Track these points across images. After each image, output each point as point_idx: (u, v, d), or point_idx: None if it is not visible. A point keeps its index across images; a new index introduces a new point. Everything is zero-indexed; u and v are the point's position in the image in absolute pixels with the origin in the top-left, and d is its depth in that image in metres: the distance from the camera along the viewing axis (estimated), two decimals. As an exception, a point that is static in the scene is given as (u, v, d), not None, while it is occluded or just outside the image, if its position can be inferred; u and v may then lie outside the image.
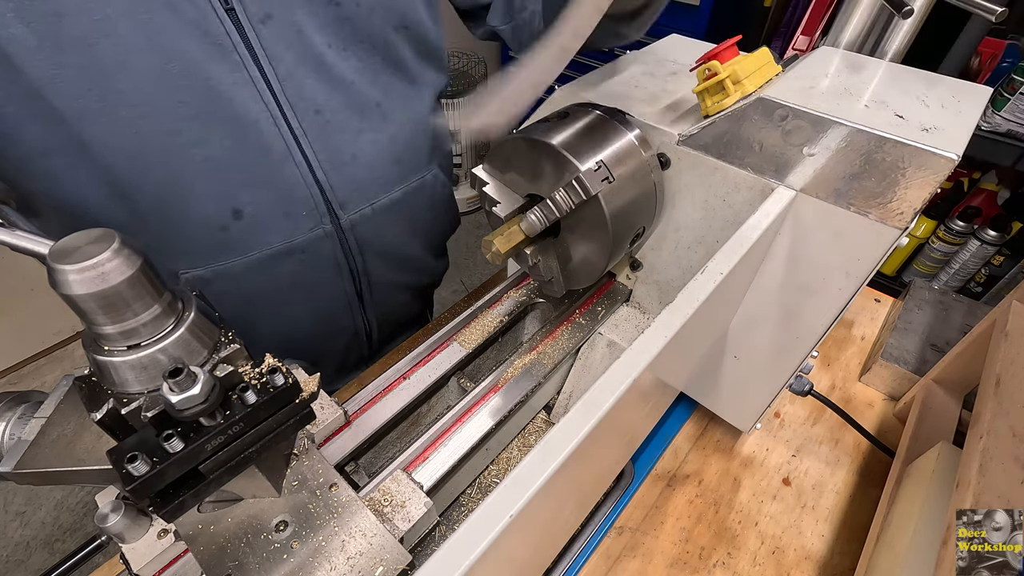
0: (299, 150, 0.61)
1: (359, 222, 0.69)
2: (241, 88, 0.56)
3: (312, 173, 0.63)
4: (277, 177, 0.61)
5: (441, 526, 0.61)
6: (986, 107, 1.05)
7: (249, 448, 0.32)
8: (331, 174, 0.64)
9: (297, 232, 0.65)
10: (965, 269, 1.87)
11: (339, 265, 0.71)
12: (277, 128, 0.59)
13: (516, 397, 0.56)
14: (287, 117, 0.60)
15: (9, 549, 1.66)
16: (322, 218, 0.66)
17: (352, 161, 0.65)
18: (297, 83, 0.59)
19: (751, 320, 0.63)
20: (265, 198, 0.61)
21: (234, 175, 0.59)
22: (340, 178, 0.65)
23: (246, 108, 0.57)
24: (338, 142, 0.64)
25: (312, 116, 0.61)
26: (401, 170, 0.72)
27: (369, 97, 0.65)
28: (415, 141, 0.72)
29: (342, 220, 0.68)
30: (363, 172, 0.67)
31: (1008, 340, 0.59)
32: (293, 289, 0.70)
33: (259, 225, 0.63)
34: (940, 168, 0.44)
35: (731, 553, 0.69)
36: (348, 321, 0.79)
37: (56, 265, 0.26)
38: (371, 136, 0.66)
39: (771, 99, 0.49)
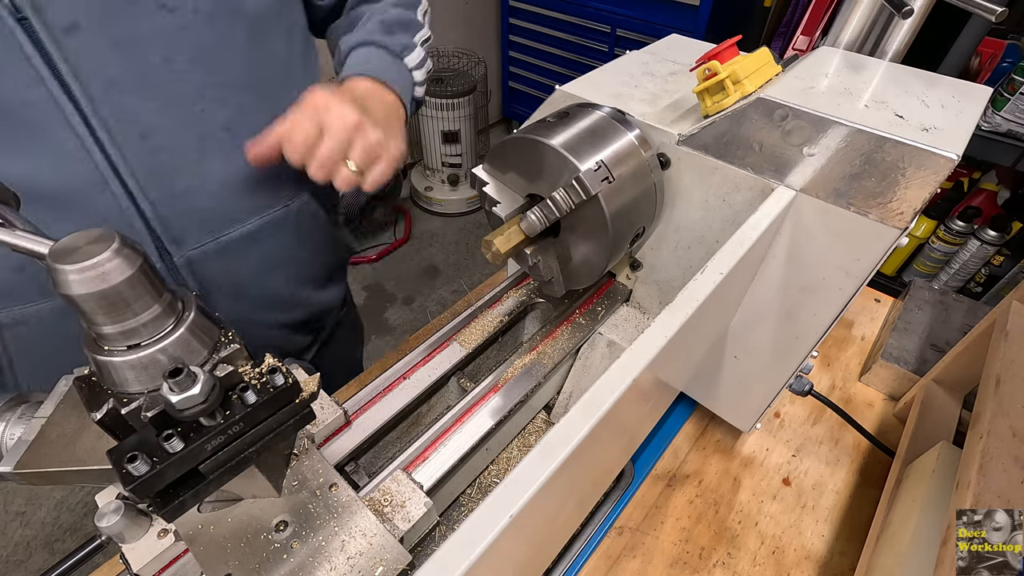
0: (117, 179, 0.53)
1: (199, 259, 0.61)
2: (40, 108, 0.48)
3: (135, 205, 0.55)
4: (88, 210, 0.53)
5: (441, 526, 0.61)
6: (986, 107, 1.05)
7: (249, 448, 0.32)
8: (160, 206, 0.56)
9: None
10: (965, 269, 1.87)
11: None
12: (88, 154, 0.51)
13: (516, 397, 0.56)
14: (101, 142, 0.51)
15: (9, 549, 1.66)
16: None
17: (190, 191, 0.57)
18: (116, 103, 0.51)
19: (751, 320, 0.63)
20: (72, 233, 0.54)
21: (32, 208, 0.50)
22: (173, 211, 0.57)
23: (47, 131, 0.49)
24: (172, 170, 0.55)
25: (136, 141, 0.53)
26: (257, 200, 0.63)
27: (215, 119, 0.56)
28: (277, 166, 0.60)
29: (176, 258, 0.59)
30: (206, 203, 0.58)
31: (1008, 340, 0.59)
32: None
33: None
34: (940, 168, 0.44)
35: (731, 553, 0.69)
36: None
37: (56, 265, 0.26)
38: (218, 165, 0.58)
39: (771, 99, 0.49)
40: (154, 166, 0.54)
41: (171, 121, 0.54)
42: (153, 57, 0.51)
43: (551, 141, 0.51)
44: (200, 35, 0.53)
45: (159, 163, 0.54)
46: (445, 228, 2.94)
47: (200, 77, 0.54)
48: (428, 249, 2.80)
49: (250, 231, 0.63)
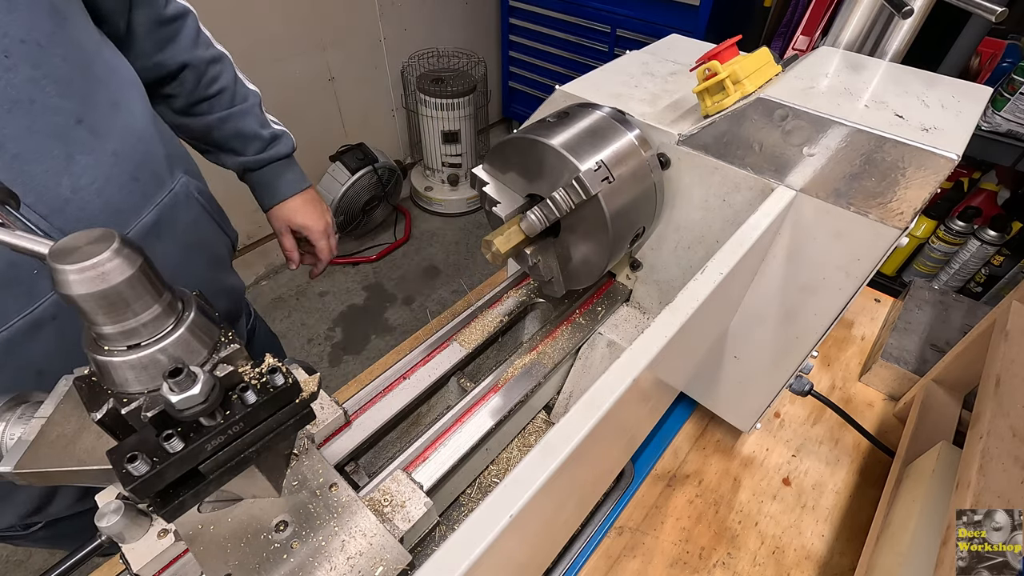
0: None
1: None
2: None
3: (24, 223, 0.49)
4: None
5: (441, 526, 0.61)
6: (986, 107, 1.05)
7: (249, 448, 0.32)
8: (52, 217, 0.51)
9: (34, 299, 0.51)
10: (965, 269, 1.87)
11: None
12: None
13: (516, 397, 0.56)
14: None
15: (9, 549, 1.66)
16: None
17: (75, 194, 0.52)
18: None
19: (751, 320, 0.63)
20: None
21: None
22: (68, 218, 0.52)
23: None
24: (42, 177, 0.50)
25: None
26: (142, 189, 0.59)
27: (63, 113, 0.52)
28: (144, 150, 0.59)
29: None
30: (95, 203, 0.54)
31: (1008, 340, 0.59)
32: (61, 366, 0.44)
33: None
34: (940, 168, 0.44)
35: (731, 553, 0.69)
36: None
37: (56, 265, 0.26)
38: (86, 160, 0.53)
39: (771, 99, 0.49)
40: (26, 177, 0.49)
41: (16, 125, 0.48)
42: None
43: (551, 141, 0.51)
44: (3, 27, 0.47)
45: (29, 173, 0.49)
46: (445, 228, 2.94)
47: (24, 72, 0.48)
48: (428, 249, 2.80)
49: (152, 221, 0.60)
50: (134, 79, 0.62)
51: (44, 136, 0.50)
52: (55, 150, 0.51)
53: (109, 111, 0.55)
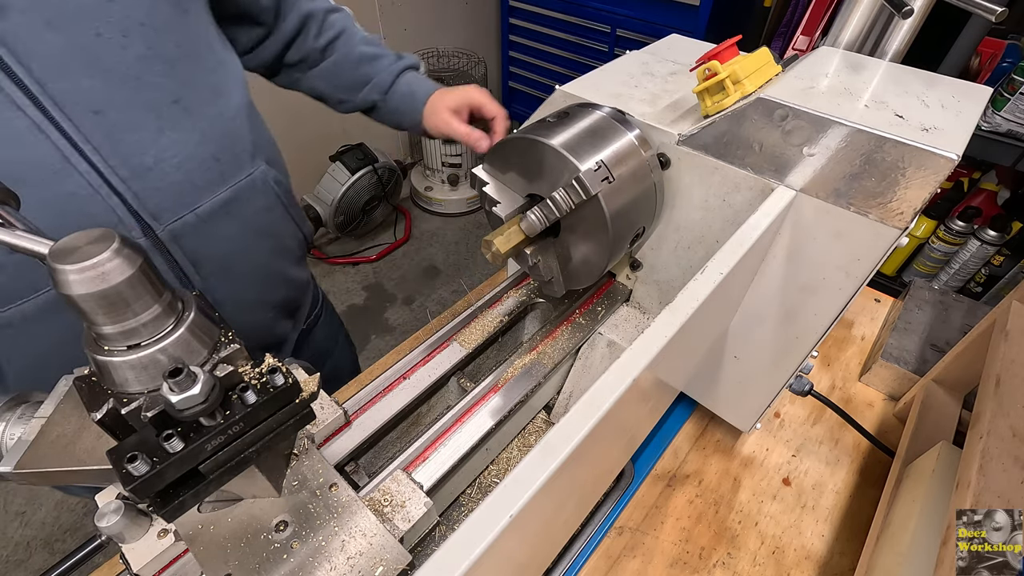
0: (82, 158, 0.52)
1: (183, 232, 0.61)
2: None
3: (106, 183, 0.54)
4: (60, 195, 0.52)
5: (441, 526, 0.61)
6: (986, 107, 1.05)
7: (249, 448, 0.32)
8: (132, 182, 0.56)
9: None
10: (965, 269, 1.87)
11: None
12: (45, 137, 0.50)
13: (516, 397, 0.56)
14: (57, 122, 0.50)
15: (9, 549, 1.66)
16: (131, 232, 0.57)
17: (156, 165, 0.57)
18: (63, 82, 0.50)
19: (751, 320, 0.63)
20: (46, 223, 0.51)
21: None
22: (144, 185, 0.56)
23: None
24: (132, 145, 0.55)
25: (91, 118, 0.52)
26: (221, 169, 0.63)
27: (164, 92, 0.57)
28: (231, 137, 0.64)
29: (159, 232, 0.59)
30: (174, 175, 0.58)
31: (1008, 340, 0.59)
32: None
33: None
34: (940, 168, 0.44)
35: (731, 553, 0.69)
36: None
37: (56, 265, 0.26)
38: (174, 136, 0.58)
39: (771, 99, 0.49)
40: (115, 143, 0.54)
41: (119, 96, 0.54)
42: (87, 33, 0.51)
43: (551, 141, 0.51)
44: (127, 8, 0.53)
45: (120, 139, 0.54)
46: (445, 228, 2.94)
47: (137, 50, 0.54)
48: (428, 249, 2.80)
49: (223, 200, 0.64)
50: (239, 74, 0.68)
51: (141, 109, 0.55)
52: (148, 123, 0.56)
53: (207, 96, 0.61)
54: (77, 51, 0.51)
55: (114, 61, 0.53)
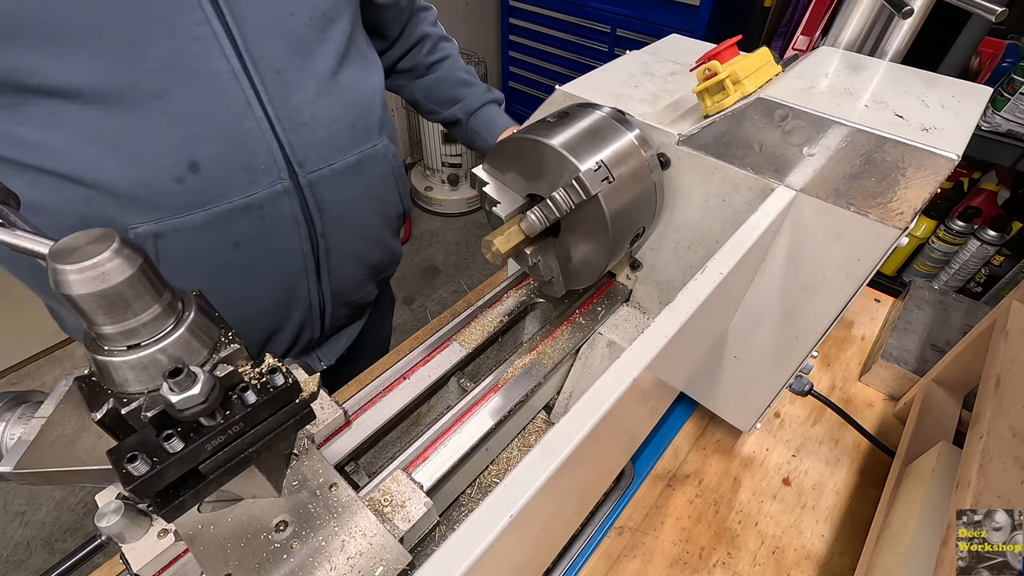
0: (260, 106, 0.63)
1: (317, 181, 0.71)
2: (204, 43, 0.58)
3: (272, 129, 0.65)
4: (236, 131, 0.63)
5: (441, 526, 0.61)
6: (986, 107, 1.05)
7: (249, 448, 0.32)
8: (290, 132, 0.67)
9: (256, 187, 0.66)
10: (965, 269, 1.87)
11: (298, 223, 0.72)
12: (238, 83, 0.61)
13: (516, 397, 0.56)
14: (249, 73, 0.62)
15: (9, 549, 1.66)
16: (281, 173, 0.67)
17: (310, 121, 0.68)
18: (260, 43, 0.62)
19: (751, 320, 0.63)
20: (223, 151, 0.62)
21: (192, 127, 0.60)
22: (299, 136, 0.67)
23: (208, 62, 0.59)
24: (297, 102, 0.67)
25: (273, 75, 0.64)
26: (355, 136, 0.75)
27: (326, 66, 0.69)
28: (367, 111, 0.76)
29: (300, 178, 0.69)
30: (321, 133, 0.70)
31: (1008, 340, 0.59)
32: (252, 248, 0.70)
33: (217, 178, 0.63)
34: (940, 168, 0.44)
35: (731, 553, 0.69)
36: (304, 292, 0.79)
37: (56, 265, 0.26)
38: (328, 101, 0.70)
39: (771, 99, 0.49)
40: (284, 97, 0.65)
41: (295, 63, 0.66)
42: (284, 12, 0.64)
43: (551, 141, 0.51)
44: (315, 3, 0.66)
45: (288, 95, 0.66)
46: (445, 228, 2.94)
47: (314, 34, 0.67)
48: (428, 249, 2.80)
49: (352, 163, 0.75)
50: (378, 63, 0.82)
51: (309, 76, 0.67)
52: (310, 88, 0.68)
53: (357, 74, 0.75)
54: (275, 23, 0.63)
55: (297, 36, 0.65)
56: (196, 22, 0.57)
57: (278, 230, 0.71)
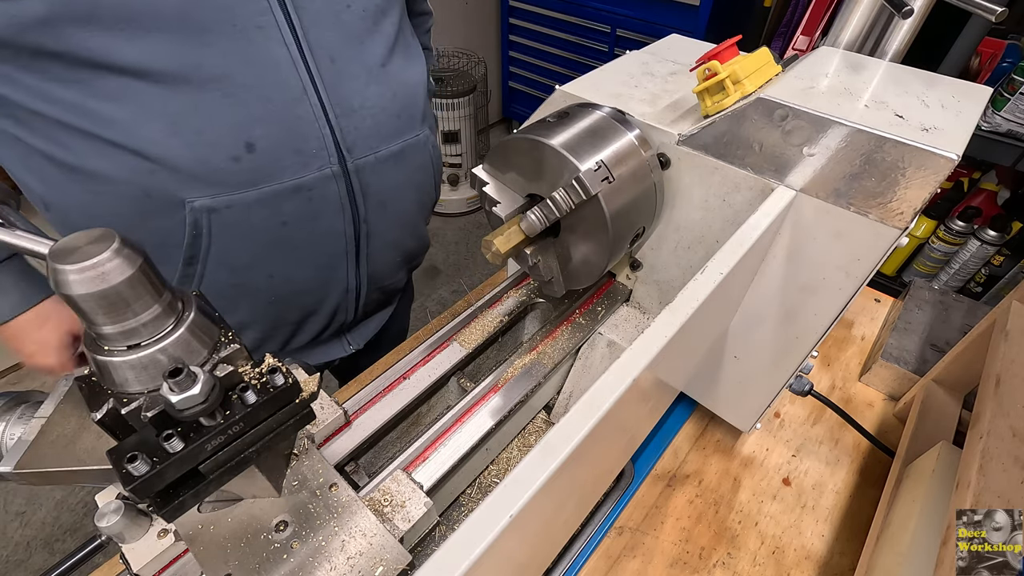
0: (315, 92, 0.66)
1: (363, 168, 0.74)
2: (266, 31, 0.61)
3: (325, 115, 0.68)
4: (291, 115, 0.65)
5: (441, 526, 0.61)
6: (986, 107, 1.05)
7: (249, 448, 0.32)
8: (341, 119, 0.69)
9: (306, 170, 0.69)
10: (965, 269, 1.87)
11: (343, 207, 0.75)
12: (296, 70, 0.64)
13: (516, 397, 0.56)
14: (307, 60, 0.65)
15: (9, 549, 1.66)
16: (331, 158, 0.70)
17: (360, 109, 0.71)
18: (317, 32, 0.65)
19: (751, 320, 0.63)
20: (278, 134, 0.65)
21: (251, 109, 0.63)
22: (348, 123, 0.70)
23: (269, 49, 0.62)
24: (348, 90, 0.69)
25: (328, 63, 0.66)
26: (400, 125, 0.78)
27: (376, 56, 0.72)
28: (411, 101, 0.79)
29: (348, 163, 0.72)
30: (369, 121, 0.72)
31: (1008, 340, 0.59)
32: (298, 227, 0.73)
33: (271, 159, 0.66)
34: (940, 168, 0.44)
35: (731, 553, 0.69)
36: (343, 273, 0.83)
37: (56, 265, 0.26)
38: (376, 90, 0.73)
39: (771, 99, 0.49)
40: (337, 85, 0.68)
41: (348, 52, 0.68)
42: (341, 3, 0.67)
43: (551, 141, 0.51)
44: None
45: (340, 83, 0.68)
46: (445, 228, 2.94)
47: (367, 25, 0.70)
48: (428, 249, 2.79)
49: (395, 151, 0.77)
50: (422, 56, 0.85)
51: (360, 65, 0.70)
52: (361, 76, 0.71)
53: (403, 65, 0.77)
54: (331, 13, 0.66)
55: (352, 26, 0.68)
56: (259, 11, 0.60)
57: (324, 212, 0.74)
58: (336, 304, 0.86)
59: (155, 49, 0.56)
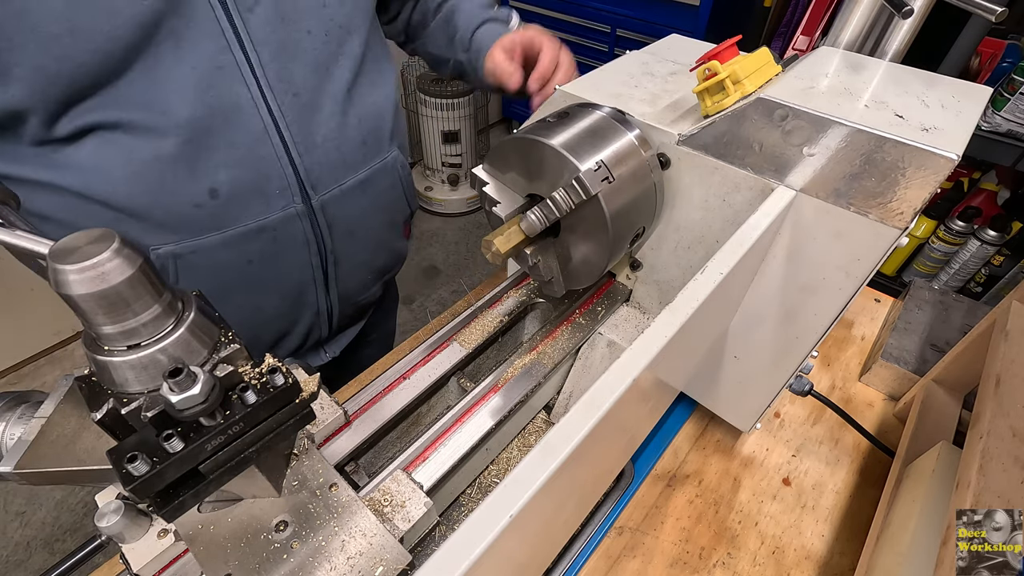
0: (276, 132, 0.63)
1: (329, 202, 0.72)
2: (226, 71, 0.58)
3: (288, 154, 0.65)
4: (254, 157, 0.63)
5: (441, 526, 0.61)
6: (986, 107, 1.05)
7: (249, 448, 0.32)
8: (305, 156, 0.67)
9: (270, 211, 0.67)
10: (965, 269, 1.87)
11: (308, 242, 0.73)
12: (257, 110, 0.61)
13: (516, 397, 0.56)
14: (267, 100, 0.62)
15: (9, 549, 1.66)
16: (294, 197, 0.68)
17: (324, 143, 0.68)
18: (278, 67, 0.61)
19: (751, 320, 0.63)
20: (242, 178, 0.63)
21: (214, 156, 0.60)
22: (312, 159, 0.68)
23: (230, 91, 0.59)
24: (312, 124, 0.66)
25: (291, 99, 0.63)
26: (366, 152, 0.74)
27: (342, 83, 0.68)
28: (379, 123, 0.75)
29: (313, 200, 0.70)
30: (334, 154, 0.70)
31: (1008, 340, 0.59)
32: (264, 265, 0.71)
33: (234, 203, 0.64)
34: (940, 168, 0.44)
35: (731, 553, 0.69)
36: (312, 299, 0.81)
37: (56, 265, 0.26)
38: (340, 119, 0.69)
39: (771, 99, 0.49)
40: (302, 121, 0.65)
41: (312, 83, 0.65)
42: (301, 29, 0.62)
43: (551, 141, 0.51)
44: (334, 12, 0.65)
45: (304, 118, 0.65)
46: (445, 228, 2.94)
47: (331, 49, 0.66)
48: (428, 249, 2.80)
49: (362, 179, 0.75)
50: (393, 69, 0.79)
51: (325, 96, 0.67)
52: (327, 107, 0.67)
53: (369, 88, 0.73)
54: (291, 43, 0.62)
55: (314, 54, 0.64)
56: (219, 50, 0.57)
57: (289, 249, 0.72)
58: (308, 325, 0.85)
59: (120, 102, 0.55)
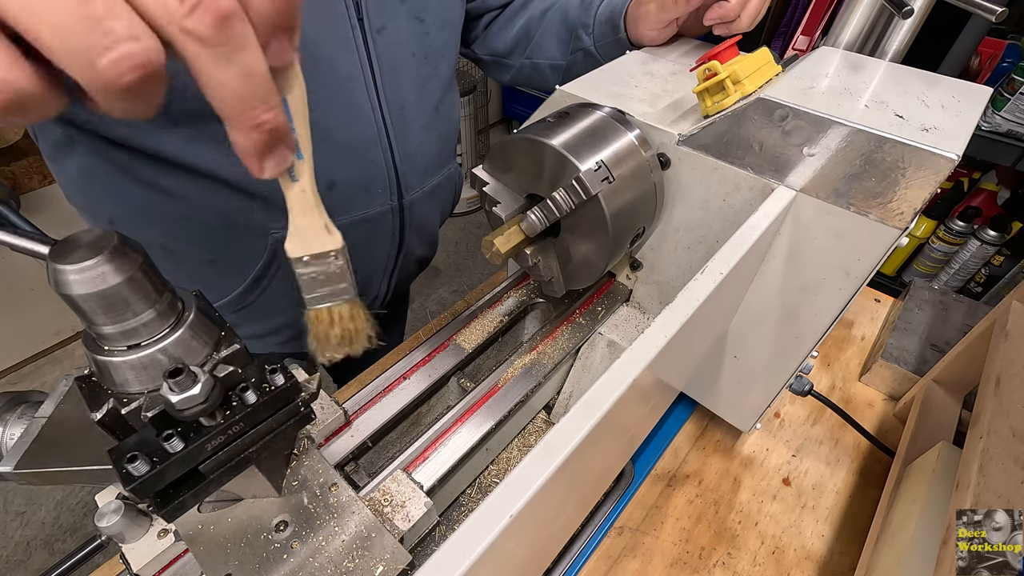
0: (386, 138, 0.72)
1: (413, 202, 0.82)
2: (357, 82, 0.66)
3: (392, 159, 0.74)
4: (366, 158, 0.71)
5: (441, 526, 0.61)
6: (986, 107, 1.05)
7: (249, 448, 0.32)
8: (402, 160, 0.76)
9: (371, 206, 0.76)
10: (965, 269, 1.87)
11: (393, 235, 0.83)
12: (374, 118, 0.70)
13: (516, 397, 0.56)
14: (383, 109, 0.70)
15: (9, 549, 1.66)
16: (391, 196, 0.77)
17: (416, 151, 0.78)
18: (392, 83, 0.70)
19: (751, 320, 0.63)
20: (355, 175, 0.72)
21: (338, 153, 0.68)
22: (407, 164, 0.77)
23: (357, 99, 0.67)
24: (409, 134, 0.75)
25: (398, 111, 0.72)
26: (440, 161, 0.85)
27: (433, 100, 0.78)
28: (450, 138, 0.87)
29: (404, 199, 0.79)
30: (421, 160, 0.79)
31: (1008, 340, 0.59)
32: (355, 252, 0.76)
33: (345, 197, 0.73)
34: (940, 168, 0.44)
35: (731, 553, 0.69)
36: (378, 285, 0.91)
37: (56, 265, 0.26)
38: (428, 133, 0.79)
39: (771, 99, 0.49)
40: (402, 129, 0.74)
41: (412, 99, 0.74)
42: (408, 52, 0.71)
43: (551, 141, 0.51)
44: (434, 40, 0.73)
45: (405, 128, 0.74)
46: (445, 228, 2.92)
47: (428, 70, 0.75)
48: (430, 249, 2.79)
49: (434, 185, 0.85)
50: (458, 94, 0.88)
51: (421, 110, 0.76)
52: (420, 120, 0.76)
53: (449, 108, 0.83)
54: (402, 64, 0.71)
55: (417, 74, 0.73)
56: (352, 62, 0.65)
57: (378, 240, 0.82)
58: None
59: None
